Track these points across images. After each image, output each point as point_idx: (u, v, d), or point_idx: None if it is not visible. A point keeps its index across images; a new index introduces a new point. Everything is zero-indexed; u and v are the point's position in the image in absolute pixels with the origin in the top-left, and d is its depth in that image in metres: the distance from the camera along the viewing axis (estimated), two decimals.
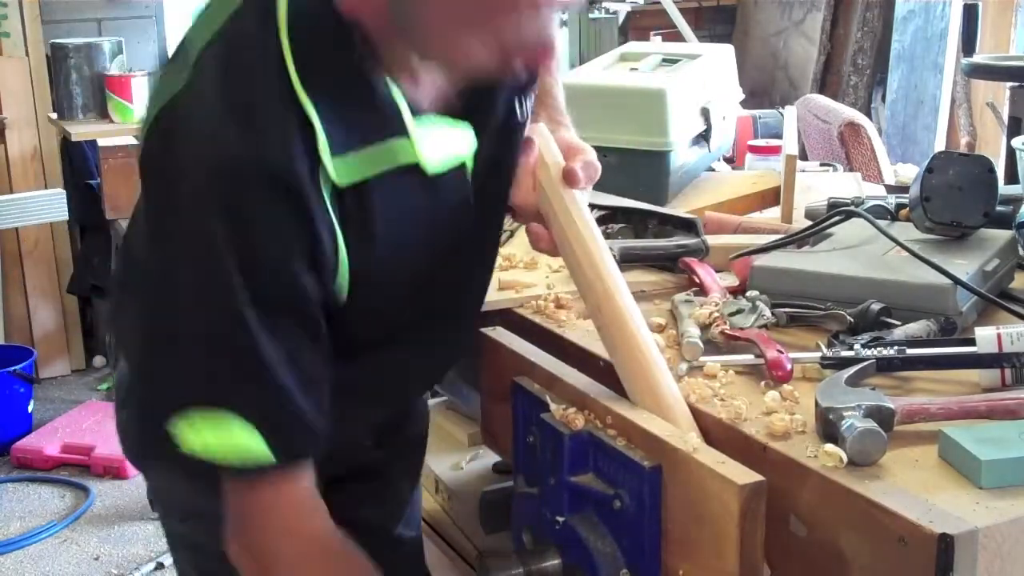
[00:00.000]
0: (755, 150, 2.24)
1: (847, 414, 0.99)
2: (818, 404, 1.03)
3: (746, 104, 2.45)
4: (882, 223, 1.44)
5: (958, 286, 1.26)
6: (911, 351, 1.15)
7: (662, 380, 1.13)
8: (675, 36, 4.28)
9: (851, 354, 1.15)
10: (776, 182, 1.96)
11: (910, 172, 2.59)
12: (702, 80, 2.00)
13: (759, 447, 1.03)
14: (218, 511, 1.26)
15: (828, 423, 1.00)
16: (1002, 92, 3.86)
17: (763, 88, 5.33)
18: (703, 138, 2.00)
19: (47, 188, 4.20)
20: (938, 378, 1.16)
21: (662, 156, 1.84)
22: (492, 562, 1.16)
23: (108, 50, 4.07)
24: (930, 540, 0.86)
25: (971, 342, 1.14)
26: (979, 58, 3.36)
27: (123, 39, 4.19)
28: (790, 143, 1.98)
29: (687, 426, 1.09)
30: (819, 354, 1.17)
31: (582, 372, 1.22)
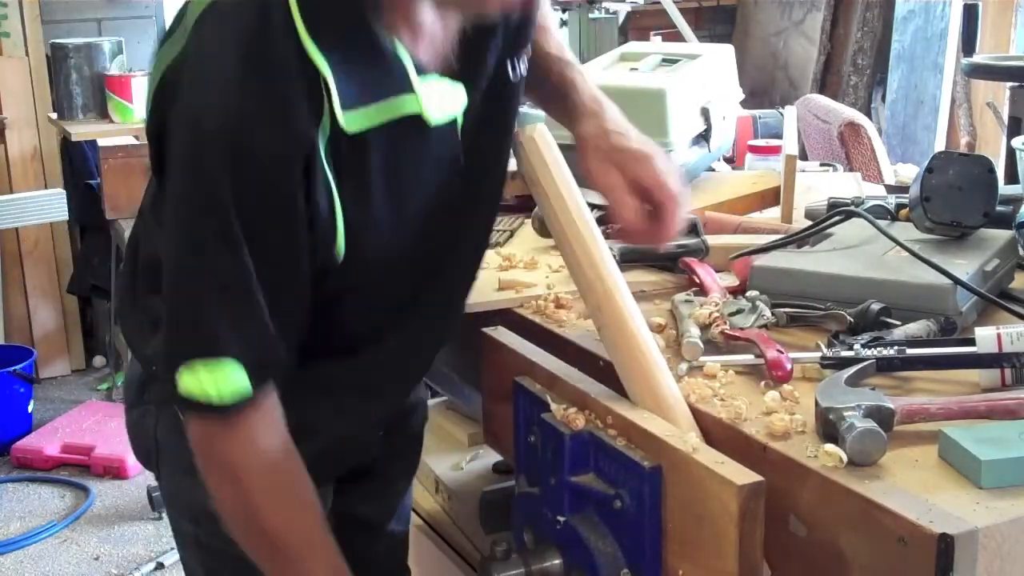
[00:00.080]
0: (755, 150, 2.24)
1: (847, 414, 0.99)
2: (818, 404, 1.03)
3: (746, 104, 2.45)
4: (882, 223, 1.44)
5: (958, 286, 1.26)
6: (911, 351, 1.15)
7: (662, 380, 1.13)
8: (675, 36, 4.28)
9: (851, 354, 1.15)
10: (776, 182, 1.96)
11: (910, 172, 2.59)
12: (702, 80, 2.00)
13: (759, 447, 1.03)
14: None
15: (828, 423, 1.00)
16: (1002, 92, 3.86)
17: (763, 88, 5.33)
18: (703, 138, 2.00)
19: (47, 188, 4.21)
20: (938, 378, 1.16)
21: None
22: (493, 563, 1.16)
23: (108, 50, 4.07)
24: (930, 540, 0.86)
25: (971, 342, 1.14)
26: (979, 58, 3.36)
27: (123, 39, 4.19)
28: (790, 143, 1.98)
29: (687, 426, 1.09)
30: (819, 354, 1.17)
31: (582, 372, 1.22)
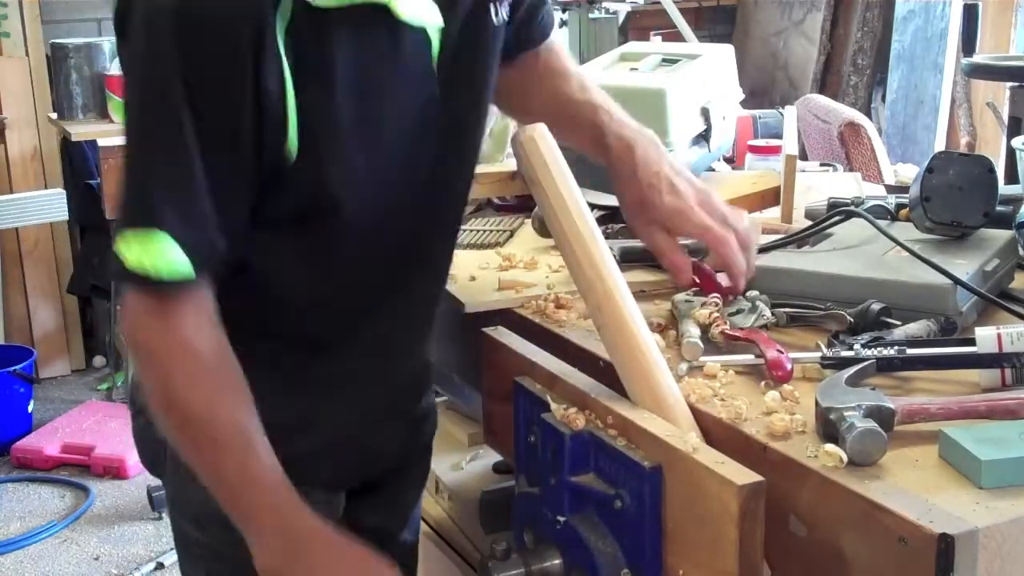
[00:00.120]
0: (755, 150, 2.24)
1: (847, 414, 0.99)
2: (818, 404, 1.03)
3: (746, 104, 2.45)
4: (882, 223, 1.44)
5: (958, 286, 1.26)
6: (911, 351, 1.15)
7: (662, 380, 1.13)
8: (675, 36, 4.28)
9: (851, 354, 1.15)
10: (776, 182, 1.96)
11: (910, 172, 2.59)
12: (702, 80, 2.00)
13: (759, 447, 1.03)
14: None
15: (828, 423, 1.00)
16: (1002, 92, 3.86)
17: (763, 88, 5.33)
18: (703, 138, 2.00)
19: (47, 188, 4.21)
20: (938, 378, 1.16)
21: None
22: (493, 563, 1.16)
23: (108, 50, 4.06)
24: (930, 540, 0.86)
25: (971, 342, 1.14)
26: (979, 58, 3.36)
27: None
28: (790, 143, 1.98)
29: (687, 426, 1.09)
30: (819, 354, 1.17)
31: (582, 372, 1.22)
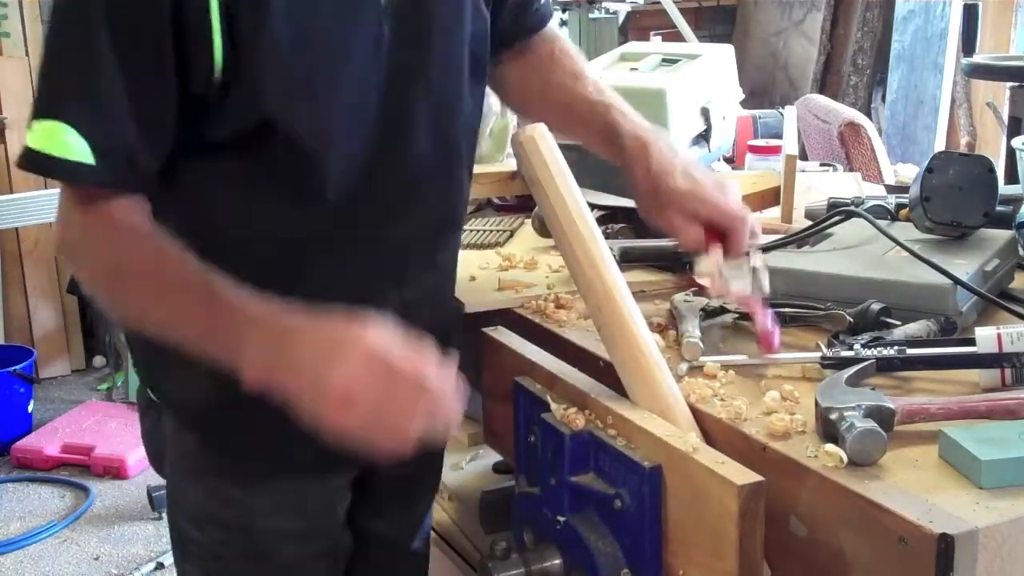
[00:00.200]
0: (755, 150, 2.24)
1: (847, 414, 0.99)
2: (818, 404, 1.03)
3: (746, 104, 2.45)
4: (882, 223, 1.45)
5: (958, 286, 1.26)
6: (911, 351, 1.15)
7: (662, 380, 1.13)
8: (675, 36, 4.28)
9: (851, 354, 1.15)
10: (776, 182, 1.96)
11: (910, 172, 2.59)
12: (702, 80, 2.00)
13: (759, 447, 1.03)
14: (232, 517, 1.26)
15: (828, 423, 1.00)
16: (1002, 92, 3.87)
17: (763, 88, 5.33)
18: (703, 138, 2.00)
19: (47, 188, 4.20)
20: (938, 378, 1.16)
21: None
22: (493, 562, 1.16)
23: None
24: (930, 540, 0.86)
25: (971, 342, 1.14)
26: (979, 58, 3.36)
27: None
28: (790, 143, 1.98)
29: (687, 426, 1.09)
30: (819, 354, 1.17)
31: (582, 372, 1.22)
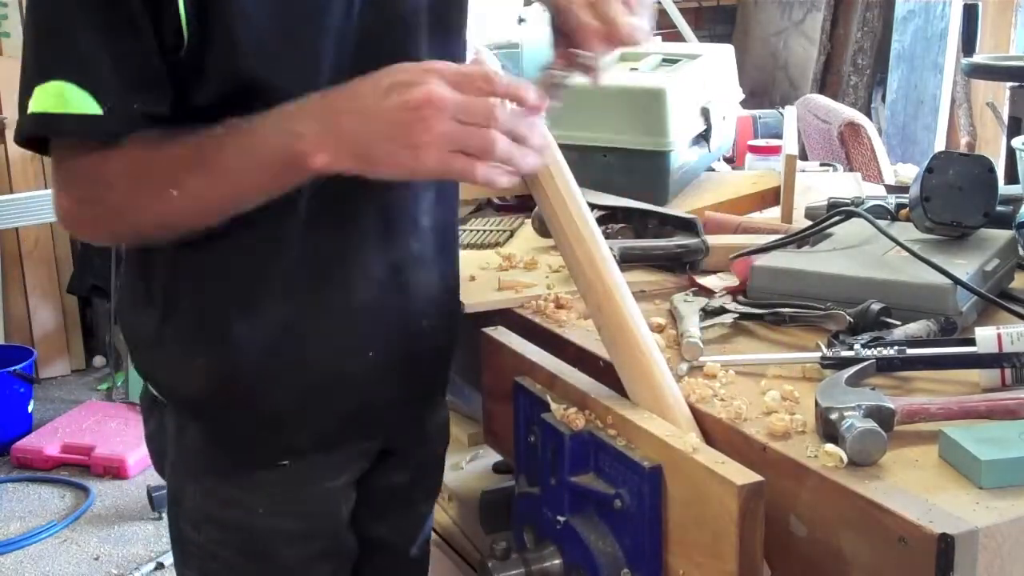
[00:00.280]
0: (755, 150, 2.24)
1: (847, 414, 0.99)
2: (818, 404, 1.03)
3: (746, 104, 2.45)
4: (882, 223, 1.44)
5: (958, 286, 1.26)
6: (911, 351, 1.15)
7: (662, 380, 1.13)
8: (675, 36, 4.28)
9: (851, 354, 1.15)
10: (776, 182, 1.96)
11: (910, 172, 2.59)
12: (702, 80, 2.00)
13: (759, 447, 1.03)
14: (231, 517, 1.26)
15: (828, 423, 1.00)
16: (1002, 92, 3.86)
17: (763, 88, 5.33)
18: (703, 138, 2.00)
19: (47, 188, 4.20)
20: (938, 378, 1.16)
21: (662, 156, 1.84)
22: (493, 562, 1.16)
23: None
24: (930, 540, 0.86)
25: (971, 342, 1.14)
26: (979, 58, 3.35)
27: None
28: (790, 143, 1.98)
29: (687, 426, 1.09)
30: (819, 354, 1.17)
31: (582, 372, 1.22)
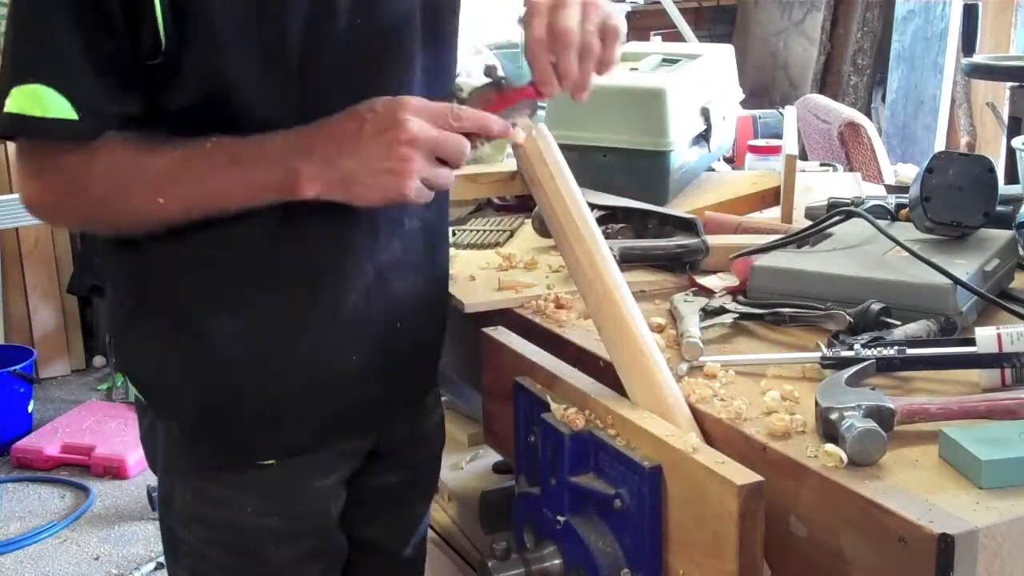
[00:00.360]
0: (755, 150, 2.24)
1: (847, 414, 0.99)
2: (818, 404, 1.03)
3: (746, 104, 2.45)
4: (882, 223, 1.44)
5: (958, 286, 1.26)
6: (911, 351, 1.15)
7: (662, 380, 1.13)
8: (675, 36, 4.28)
9: (851, 354, 1.15)
10: (776, 182, 1.96)
11: (910, 172, 2.59)
12: (702, 80, 2.00)
13: (759, 447, 1.03)
14: (220, 516, 1.26)
15: (828, 423, 1.00)
16: (1002, 92, 3.87)
17: (763, 88, 5.33)
18: (703, 138, 2.00)
19: None
20: (938, 378, 1.16)
21: (662, 156, 1.84)
22: (493, 562, 1.16)
23: None
24: (930, 540, 0.86)
25: (971, 342, 1.14)
26: (979, 58, 3.36)
27: None
28: (790, 143, 1.98)
29: (687, 426, 1.09)
30: (819, 354, 1.17)
31: (582, 372, 1.22)
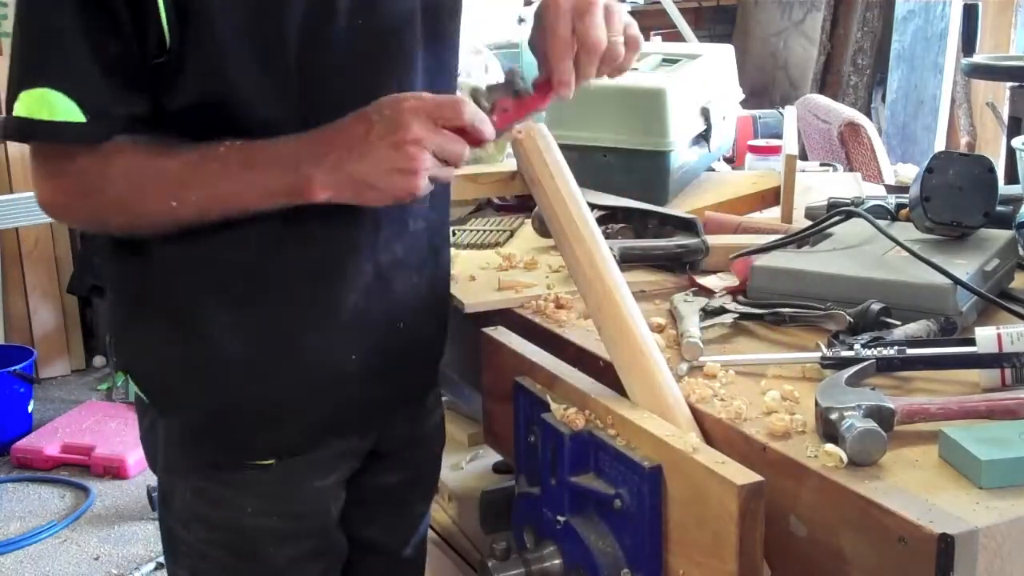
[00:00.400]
0: (755, 150, 2.24)
1: (847, 414, 0.99)
2: (818, 404, 1.03)
3: (746, 104, 2.45)
4: (882, 223, 1.45)
5: (958, 286, 1.26)
6: (911, 351, 1.15)
7: (662, 380, 1.13)
8: (675, 36, 4.28)
9: (851, 354, 1.15)
10: (776, 182, 1.96)
11: (910, 172, 2.59)
12: (702, 80, 2.00)
13: (759, 447, 1.03)
14: (220, 516, 1.26)
15: (828, 423, 1.00)
16: (1002, 92, 3.87)
17: (763, 88, 5.33)
18: (703, 138, 2.00)
19: None
20: (938, 378, 1.16)
21: (662, 156, 1.84)
22: (493, 563, 1.16)
23: None
24: (930, 540, 0.86)
25: (971, 342, 1.14)
26: (979, 58, 3.36)
27: None
28: (790, 143, 1.98)
29: (687, 426, 1.09)
30: (819, 354, 1.17)
31: (582, 372, 1.22)
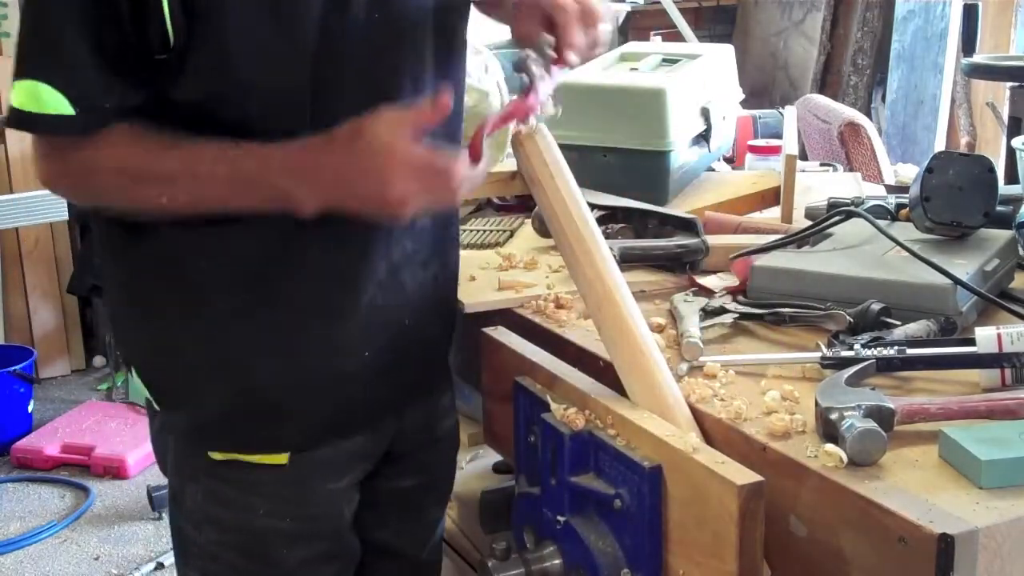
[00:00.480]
0: (755, 150, 2.24)
1: (847, 414, 0.99)
2: (818, 404, 1.03)
3: (746, 104, 2.45)
4: (882, 223, 1.45)
5: (958, 286, 1.26)
6: (911, 351, 1.15)
7: (662, 380, 1.13)
8: (675, 36, 4.29)
9: (851, 354, 1.15)
10: (776, 182, 1.96)
11: (910, 172, 2.59)
12: (702, 80, 2.00)
13: (759, 447, 1.03)
14: (231, 518, 1.26)
15: (828, 423, 1.00)
16: (1002, 92, 3.87)
17: (763, 88, 5.33)
18: (703, 138, 2.00)
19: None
20: (938, 378, 1.16)
21: (662, 156, 1.84)
22: (493, 563, 1.16)
23: None
24: (930, 540, 0.86)
25: (971, 342, 1.14)
26: (979, 58, 3.36)
27: None
28: (790, 143, 1.98)
29: (687, 426, 1.09)
30: (819, 354, 1.17)
31: (582, 372, 1.22)
